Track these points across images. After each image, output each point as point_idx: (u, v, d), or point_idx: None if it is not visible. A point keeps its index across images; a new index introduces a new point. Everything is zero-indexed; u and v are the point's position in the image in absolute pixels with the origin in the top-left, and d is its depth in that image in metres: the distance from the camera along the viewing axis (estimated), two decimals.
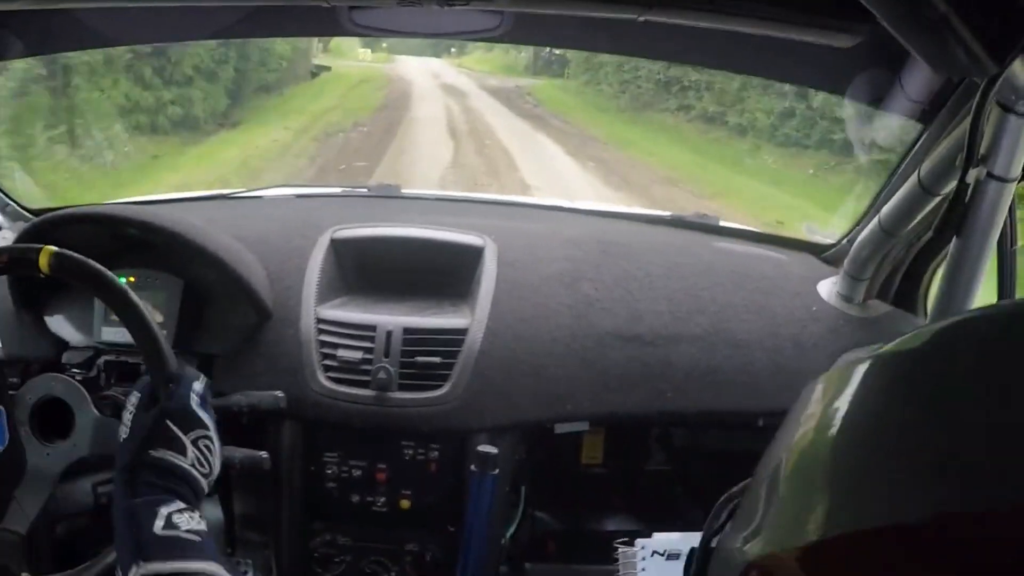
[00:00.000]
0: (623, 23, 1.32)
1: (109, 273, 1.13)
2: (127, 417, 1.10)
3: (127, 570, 0.95)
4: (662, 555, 1.16)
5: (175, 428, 1.07)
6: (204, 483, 1.09)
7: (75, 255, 1.12)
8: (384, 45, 25.50)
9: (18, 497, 1.20)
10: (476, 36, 1.55)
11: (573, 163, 10.79)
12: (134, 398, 1.12)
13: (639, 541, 1.19)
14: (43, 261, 1.10)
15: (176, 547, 0.97)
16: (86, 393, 1.27)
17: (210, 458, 1.10)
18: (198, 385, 1.13)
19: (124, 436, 1.08)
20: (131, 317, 1.13)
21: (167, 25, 1.64)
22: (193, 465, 1.07)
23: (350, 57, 23.19)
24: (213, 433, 1.12)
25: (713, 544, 0.63)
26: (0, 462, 1.18)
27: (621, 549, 1.21)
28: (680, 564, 1.18)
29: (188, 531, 0.98)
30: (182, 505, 1.01)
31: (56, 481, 1.24)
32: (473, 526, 1.42)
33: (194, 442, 1.08)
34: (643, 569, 1.20)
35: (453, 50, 27.92)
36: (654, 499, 1.83)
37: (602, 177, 9.84)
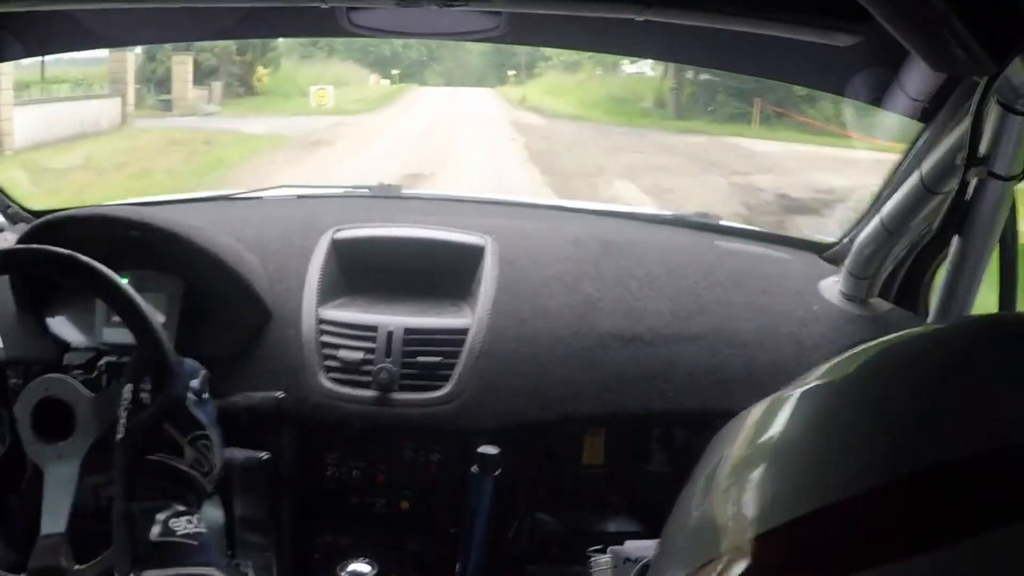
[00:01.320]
0: (623, 23, 1.32)
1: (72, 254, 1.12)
2: (123, 414, 1.08)
3: None
4: (634, 563, 1.13)
5: (172, 430, 1.07)
6: (205, 482, 1.09)
7: (21, 247, 1.10)
8: (395, 72, 17.39)
9: (46, 502, 1.20)
10: (475, 36, 1.55)
11: None
12: (127, 392, 1.10)
13: (611, 548, 1.17)
14: None
15: (173, 553, 0.98)
16: (87, 394, 1.27)
17: (209, 457, 1.09)
18: (195, 382, 1.12)
19: (120, 436, 1.07)
20: (117, 299, 1.12)
21: (166, 26, 1.65)
22: (192, 466, 1.06)
23: (298, 109, 11.69)
24: (211, 431, 1.11)
25: None
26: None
27: (593, 558, 1.19)
28: None
29: (185, 535, 0.99)
30: (180, 509, 1.01)
31: (77, 475, 1.22)
32: (474, 527, 1.42)
33: (192, 442, 1.07)
34: None
35: (513, 74, 16.63)
36: (656, 500, 1.81)
37: None
